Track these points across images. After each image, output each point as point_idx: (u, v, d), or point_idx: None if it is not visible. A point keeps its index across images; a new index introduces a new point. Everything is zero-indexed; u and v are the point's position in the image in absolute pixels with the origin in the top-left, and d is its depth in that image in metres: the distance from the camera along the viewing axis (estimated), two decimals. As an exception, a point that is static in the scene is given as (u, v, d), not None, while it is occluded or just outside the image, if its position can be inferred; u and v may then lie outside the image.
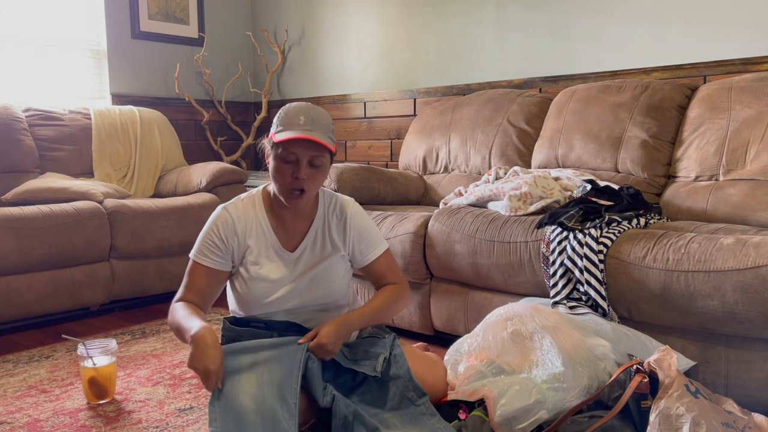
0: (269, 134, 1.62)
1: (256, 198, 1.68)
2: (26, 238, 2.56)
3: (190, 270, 1.63)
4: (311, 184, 1.57)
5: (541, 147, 2.75)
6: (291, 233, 1.68)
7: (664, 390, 1.44)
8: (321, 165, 1.58)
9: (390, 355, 1.62)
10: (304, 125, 1.55)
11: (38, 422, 1.80)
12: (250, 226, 1.65)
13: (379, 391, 1.58)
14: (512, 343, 1.73)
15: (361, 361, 1.61)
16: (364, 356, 1.62)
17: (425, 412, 1.57)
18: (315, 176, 1.58)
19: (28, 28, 3.50)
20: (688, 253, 1.71)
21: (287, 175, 1.56)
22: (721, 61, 2.59)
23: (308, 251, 1.68)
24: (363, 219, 1.74)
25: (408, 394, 1.58)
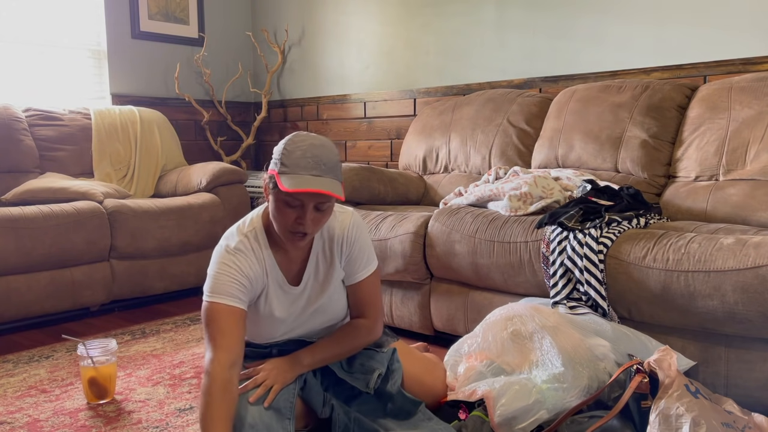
0: (269, 168, 1.47)
1: (258, 231, 1.55)
2: (26, 238, 2.56)
3: (214, 317, 1.47)
4: (315, 227, 1.45)
5: (541, 147, 2.75)
6: (293, 263, 1.59)
7: (664, 390, 1.44)
8: (326, 209, 1.46)
9: (387, 370, 1.63)
10: (312, 169, 1.39)
11: (38, 422, 1.80)
12: (261, 264, 1.53)
13: (377, 402, 1.61)
14: (512, 344, 1.73)
15: (356, 374, 1.62)
16: (360, 369, 1.63)
17: (423, 418, 1.59)
18: (319, 219, 1.45)
19: (28, 28, 3.50)
20: (688, 253, 1.71)
21: (290, 220, 1.43)
22: (721, 61, 2.59)
23: (311, 281, 1.61)
24: (360, 235, 1.63)
25: (405, 407, 1.60)
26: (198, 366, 2.23)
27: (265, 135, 4.55)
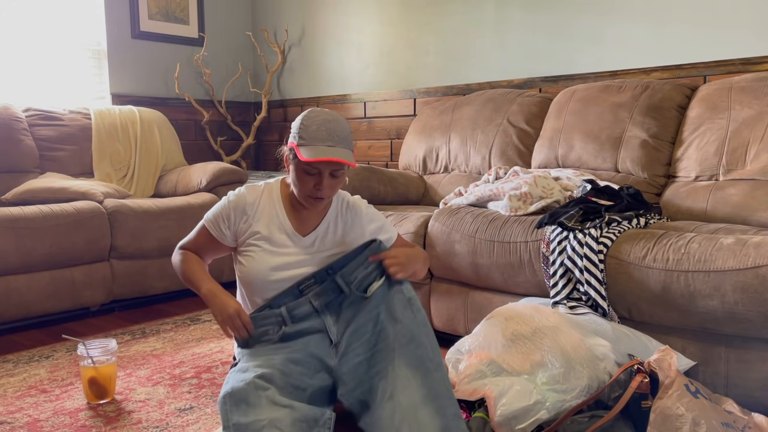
0: (289, 141, 1.65)
1: (274, 187, 1.74)
2: (26, 238, 2.56)
3: (199, 230, 1.74)
4: (331, 192, 1.63)
5: (541, 147, 2.75)
6: (304, 223, 1.71)
7: (664, 390, 1.44)
8: (341, 175, 1.64)
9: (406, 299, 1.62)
10: (327, 140, 1.58)
11: (38, 422, 1.80)
12: (263, 210, 1.69)
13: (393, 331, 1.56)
14: (512, 343, 1.73)
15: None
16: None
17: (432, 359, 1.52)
18: (335, 185, 1.64)
19: (28, 28, 3.50)
20: (688, 253, 1.71)
21: (309, 186, 1.60)
22: (721, 61, 2.59)
23: (320, 239, 1.71)
24: (377, 212, 1.83)
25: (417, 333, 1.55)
26: (198, 366, 2.23)
27: (265, 135, 4.55)
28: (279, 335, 1.57)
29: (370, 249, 1.63)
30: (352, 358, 1.54)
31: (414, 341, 1.52)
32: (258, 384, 1.43)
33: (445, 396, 1.47)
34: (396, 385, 1.47)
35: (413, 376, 1.48)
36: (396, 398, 1.45)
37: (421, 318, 1.57)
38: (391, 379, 1.48)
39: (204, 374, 2.14)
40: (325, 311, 1.60)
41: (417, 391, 1.47)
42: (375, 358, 1.52)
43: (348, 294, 1.60)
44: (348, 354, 1.55)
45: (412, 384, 1.47)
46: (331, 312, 1.60)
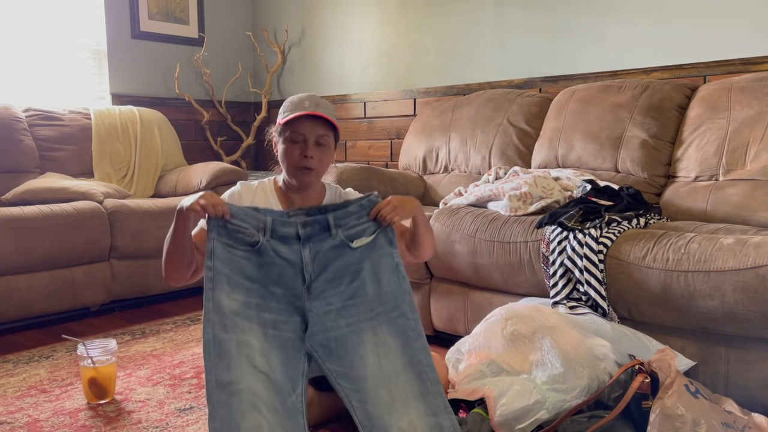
0: (276, 124, 1.71)
1: (267, 183, 1.79)
2: (26, 238, 2.56)
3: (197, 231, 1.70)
4: (318, 163, 1.66)
5: (541, 147, 2.75)
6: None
7: (664, 390, 1.45)
8: (327, 144, 1.67)
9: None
10: (309, 107, 1.65)
11: (38, 422, 1.80)
12: (258, 202, 1.71)
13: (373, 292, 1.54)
14: (512, 343, 1.73)
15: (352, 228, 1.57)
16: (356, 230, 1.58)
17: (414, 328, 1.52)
18: (321, 155, 1.66)
19: (28, 28, 3.49)
20: (688, 253, 1.71)
21: (296, 155, 1.64)
22: (721, 61, 2.59)
23: None
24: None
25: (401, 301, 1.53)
26: (198, 366, 2.23)
27: (265, 135, 4.54)
28: (254, 241, 1.50)
29: (368, 200, 1.59)
30: (322, 306, 1.50)
31: (397, 309, 1.52)
32: (241, 341, 1.43)
33: (425, 363, 1.49)
34: (378, 350, 1.48)
35: (394, 344, 1.49)
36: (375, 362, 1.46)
37: (406, 286, 1.55)
38: (370, 342, 1.48)
39: (204, 374, 2.14)
40: (306, 243, 1.53)
41: (398, 359, 1.48)
42: (347, 311, 1.51)
43: (334, 236, 1.54)
44: (318, 299, 1.51)
45: (393, 351, 1.49)
46: (311, 247, 1.54)
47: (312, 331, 1.49)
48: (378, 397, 1.45)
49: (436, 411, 1.46)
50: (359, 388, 1.45)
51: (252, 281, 1.50)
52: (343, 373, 1.47)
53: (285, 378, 1.46)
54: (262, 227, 1.52)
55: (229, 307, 1.47)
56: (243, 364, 1.43)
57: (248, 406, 1.41)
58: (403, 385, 1.47)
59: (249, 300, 1.48)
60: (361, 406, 1.45)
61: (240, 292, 1.48)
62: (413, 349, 1.49)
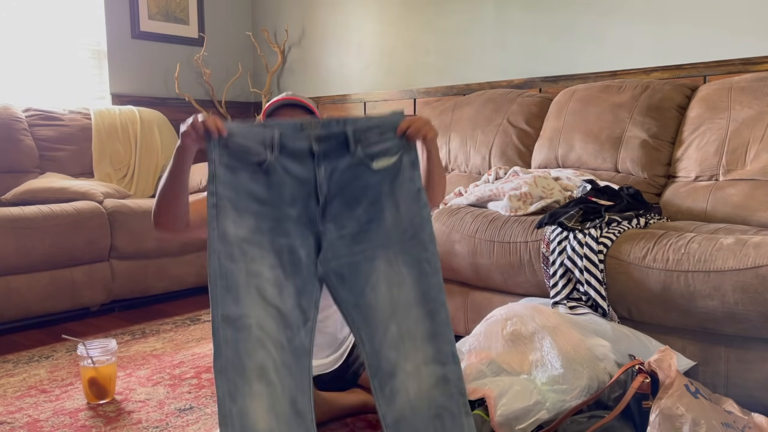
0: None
1: None
2: (26, 238, 2.56)
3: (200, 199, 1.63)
4: None
5: (541, 147, 2.75)
6: None
7: (664, 390, 1.45)
8: None
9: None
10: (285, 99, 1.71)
11: (38, 422, 1.80)
12: None
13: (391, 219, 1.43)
14: (512, 343, 1.73)
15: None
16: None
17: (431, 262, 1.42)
18: None
19: (28, 28, 3.49)
20: (688, 253, 1.71)
21: None
22: (721, 61, 2.58)
23: None
24: None
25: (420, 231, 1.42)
26: (198, 366, 2.23)
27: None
28: (261, 160, 1.37)
29: (392, 115, 1.44)
30: (336, 230, 1.40)
31: (416, 238, 1.41)
32: (251, 271, 1.34)
33: (438, 301, 1.41)
34: (390, 281, 1.39)
35: (409, 275, 1.40)
36: (387, 294, 1.39)
37: (427, 214, 1.43)
38: (383, 271, 1.39)
39: (204, 374, 2.14)
40: (321, 160, 1.39)
41: (410, 292, 1.40)
42: (363, 237, 1.40)
43: (353, 153, 1.39)
44: (333, 222, 1.40)
45: (406, 283, 1.40)
46: (327, 165, 1.39)
47: (325, 256, 1.39)
48: (387, 333, 1.37)
49: (444, 359, 1.39)
50: (369, 320, 1.37)
51: (262, 204, 1.37)
52: (355, 303, 1.38)
53: (297, 309, 1.37)
54: (269, 143, 1.37)
55: (236, 234, 1.34)
56: (252, 295, 1.33)
57: (255, 343, 1.32)
58: (413, 322, 1.39)
59: (260, 225, 1.37)
60: (369, 342, 1.37)
61: (249, 217, 1.36)
62: (428, 285, 1.40)
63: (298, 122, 1.38)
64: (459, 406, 1.38)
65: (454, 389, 1.38)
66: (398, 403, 1.37)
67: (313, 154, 1.39)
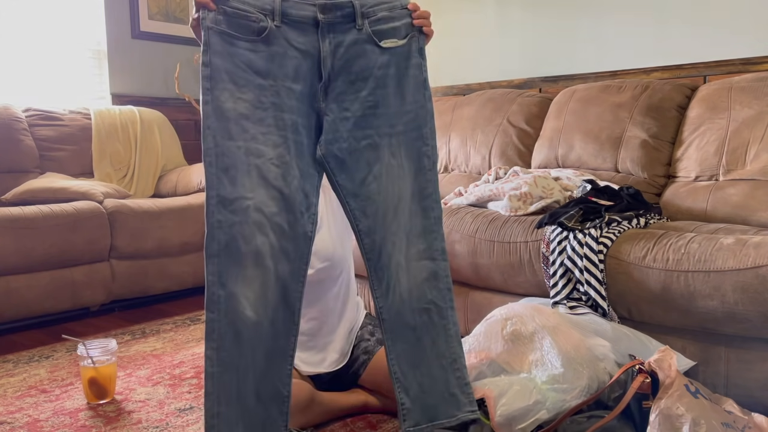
0: None
1: None
2: (26, 238, 2.56)
3: None
4: None
5: (541, 147, 2.75)
6: None
7: (664, 390, 1.45)
8: None
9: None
10: None
11: (38, 422, 1.80)
12: None
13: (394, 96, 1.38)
14: (512, 343, 1.73)
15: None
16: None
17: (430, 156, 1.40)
18: None
19: (28, 28, 3.49)
20: (688, 253, 1.71)
21: None
22: (721, 61, 2.59)
23: None
24: None
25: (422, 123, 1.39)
26: (198, 366, 2.23)
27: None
28: (261, 27, 1.28)
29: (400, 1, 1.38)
30: (339, 111, 1.34)
31: (418, 131, 1.39)
32: (251, 149, 1.27)
33: (433, 198, 1.41)
34: (391, 173, 1.37)
35: (408, 168, 1.39)
36: (388, 186, 1.37)
37: (430, 108, 1.41)
38: (386, 162, 1.37)
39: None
40: (326, 32, 1.31)
41: (409, 186, 1.39)
42: (366, 122, 1.35)
43: (359, 28, 1.32)
44: (336, 102, 1.34)
45: (405, 176, 1.38)
46: (332, 38, 1.32)
47: (326, 138, 1.33)
48: (384, 225, 1.36)
49: (434, 255, 1.41)
50: (367, 210, 1.35)
51: (264, 76, 1.28)
52: (354, 192, 1.35)
53: (300, 192, 1.32)
54: (269, 10, 1.28)
55: (235, 109, 1.28)
56: (252, 176, 1.27)
57: (253, 227, 1.27)
58: (408, 216, 1.39)
59: (262, 99, 1.28)
60: (368, 234, 1.36)
61: (249, 90, 1.28)
62: (426, 180, 1.40)
63: None
64: (446, 301, 1.43)
65: (443, 284, 1.42)
66: (392, 298, 1.38)
67: (317, 24, 1.30)
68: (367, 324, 1.92)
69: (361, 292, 2.59)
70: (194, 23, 1.31)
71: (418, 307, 1.40)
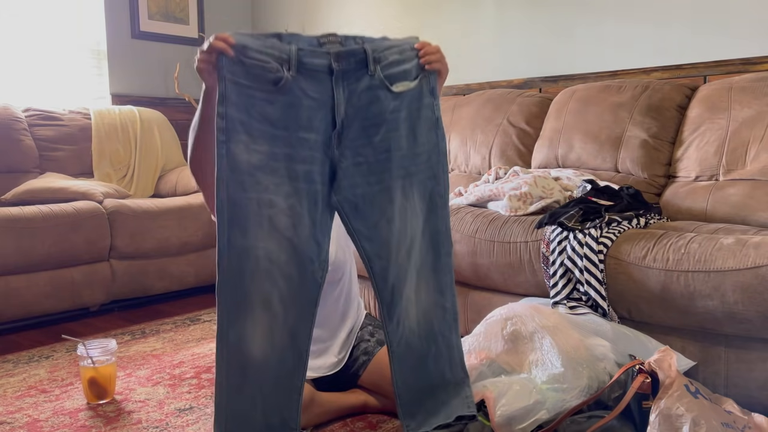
0: None
1: None
2: (26, 238, 2.56)
3: None
4: None
5: (541, 147, 2.75)
6: None
7: (664, 390, 1.44)
8: None
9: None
10: None
11: (38, 422, 1.80)
12: None
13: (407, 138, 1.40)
14: (512, 343, 1.73)
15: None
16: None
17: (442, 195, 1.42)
18: None
19: (28, 28, 3.49)
20: (688, 253, 1.71)
21: None
22: (721, 61, 2.58)
23: None
24: None
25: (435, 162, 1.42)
26: (198, 366, 2.23)
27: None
28: (277, 77, 1.29)
29: (408, 39, 1.40)
30: (353, 157, 1.36)
31: (431, 171, 1.41)
32: (263, 200, 1.28)
33: (444, 234, 1.44)
34: (405, 214, 1.39)
35: (421, 209, 1.42)
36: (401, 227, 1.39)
37: (443, 147, 1.43)
38: (399, 204, 1.39)
39: (204, 374, 2.14)
40: (340, 80, 1.32)
41: (420, 225, 1.42)
42: (379, 166, 1.37)
43: (372, 74, 1.33)
44: (350, 149, 1.36)
45: (418, 217, 1.41)
46: (346, 85, 1.33)
47: (340, 184, 1.35)
48: (397, 264, 1.39)
49: (443, 289, 1.45)
50: (382, 253, 1.38)
51: (277, 127, 1.30)
52: (368, 236, 1.37)
53: (312, 241, 1.33)
54: (285, 59, 1.29)
55: (249, 161, 1.27)
56: (263, 226, 1.28)
57: (262, 274, 1.29)
58: (420, 254, 1.42)
59: (275, 150, 1.29)
60: (381, 274, 1.39)
61: (263, 142, 1.29)
62: (437, 218, 1.43)
63: (315, 37, 1.31)
64: (452, 330, 1.46)
65: (449, 316, 1.46)
66: (401, 331, 1.41)
67: (332, 73, 1.31)
68: (367, 324, 1.92)
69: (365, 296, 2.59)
70: (202, 65, 1.32)
71: (425, 337, 1.44)
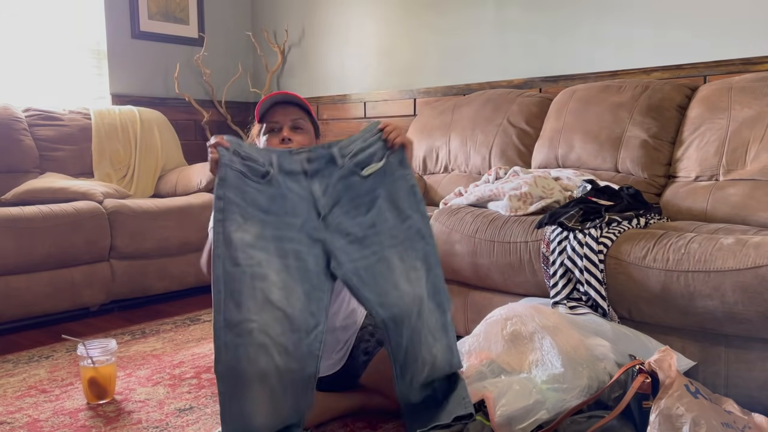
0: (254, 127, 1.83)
1: None
2: (26, 238, 2.56)
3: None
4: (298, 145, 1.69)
5: (541, 147, 2.75)
6: None
7: (664, 390, 1.44)
8: (303, 127, 1.73)
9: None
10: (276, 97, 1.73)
11: (38, 422, 1.80)
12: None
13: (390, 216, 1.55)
14: (512, 343, 1.73)
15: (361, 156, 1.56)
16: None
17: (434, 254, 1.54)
18: (301, 138, 1.71)
19: (28, 28, 3.49)
20: (688, 253, 1.71)
21: (275, 142, 1.69)
22: (721, 61, 2.58)
23: None
24: None
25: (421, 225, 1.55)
26: (198, 366, 2.23)
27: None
28: (265, 171, 1.47)
29: (370, 126, 1.59)
30: (342, 236, 1.49)
31: (419, 233, 1.54)
32: (256, 274, 1.39)
33: (443, 291, 1.55)
34: (409, 276, 1.50)
35: (421, 270, 1.52)
36: (409, 290, 1.48)
37: (424, 209, 1.55)
38: (400, 269, 1.49)
39: (204, 374, 2.14)
40: (314, 178, 1.51)
41: (424, 286, 1.52)
42: (370, 240, 1.50)
43: (341, 166, 1.52)
44: (337, 232, 1.50)
45: (421, 278, 1.52)
46: (320, 181, 1.51)
47: (339, 261, 1.47)
48: (410, 326, 1.48)
49: (452, 346, 1.56)
50: (395, 317, 1.46)
51: (266, 213, 1.45)
52: (380, 302, 1.47)
53: (306, 313, 1.42)
54: (269, 162, 1.49)
55: (242, 239, 1.41)
56: (257, 299, 1.38)
57: (256, 349, 1.36)
58: (428, 314, 1.51)
59: (265, 232, 1.44)
60: (395, 337, 1.47)
61: (254, 224, 1.44)
62: (435, 276, 1.54)
63: (286, 150, 1.54)
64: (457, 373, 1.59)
65: (455, 360, 1.57)
66: (414, 385, 1.51)
67: (306, 173, 1.51)
68: (368, 324, 1.92)
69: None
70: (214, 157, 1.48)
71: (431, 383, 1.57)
